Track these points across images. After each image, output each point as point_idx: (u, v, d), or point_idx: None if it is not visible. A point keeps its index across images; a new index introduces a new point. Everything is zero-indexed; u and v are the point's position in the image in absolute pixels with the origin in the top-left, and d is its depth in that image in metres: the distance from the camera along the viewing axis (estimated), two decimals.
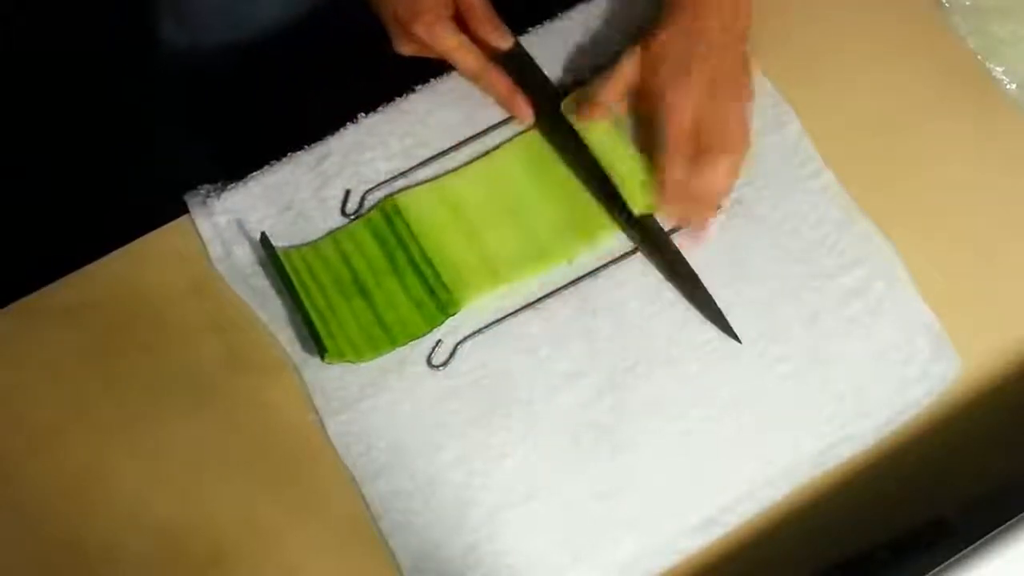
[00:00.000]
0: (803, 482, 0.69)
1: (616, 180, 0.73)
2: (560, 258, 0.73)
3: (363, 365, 0.71)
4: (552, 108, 0.75)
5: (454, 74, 0.78)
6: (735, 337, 0.71)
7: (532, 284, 0.73)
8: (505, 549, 0.67)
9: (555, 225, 0.74)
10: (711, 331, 0.72)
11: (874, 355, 0.72)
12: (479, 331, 0.72)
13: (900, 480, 0.70)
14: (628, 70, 0.72)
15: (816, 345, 0.72)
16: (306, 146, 0.77)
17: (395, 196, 0.74)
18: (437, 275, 0.72)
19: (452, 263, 0.73)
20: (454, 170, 0.76)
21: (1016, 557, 0.54)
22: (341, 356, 0.70)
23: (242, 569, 0.67)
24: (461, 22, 0.74)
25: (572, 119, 0.74)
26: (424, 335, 0.71)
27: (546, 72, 0.78)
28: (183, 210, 0.75)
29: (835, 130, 0.77)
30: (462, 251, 0.73)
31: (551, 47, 0.79)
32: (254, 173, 0.76)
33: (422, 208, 0.74)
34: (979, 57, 0.80)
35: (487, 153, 0.76)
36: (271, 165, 0.77)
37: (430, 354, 0.72)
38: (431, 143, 0.77)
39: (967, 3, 0.82)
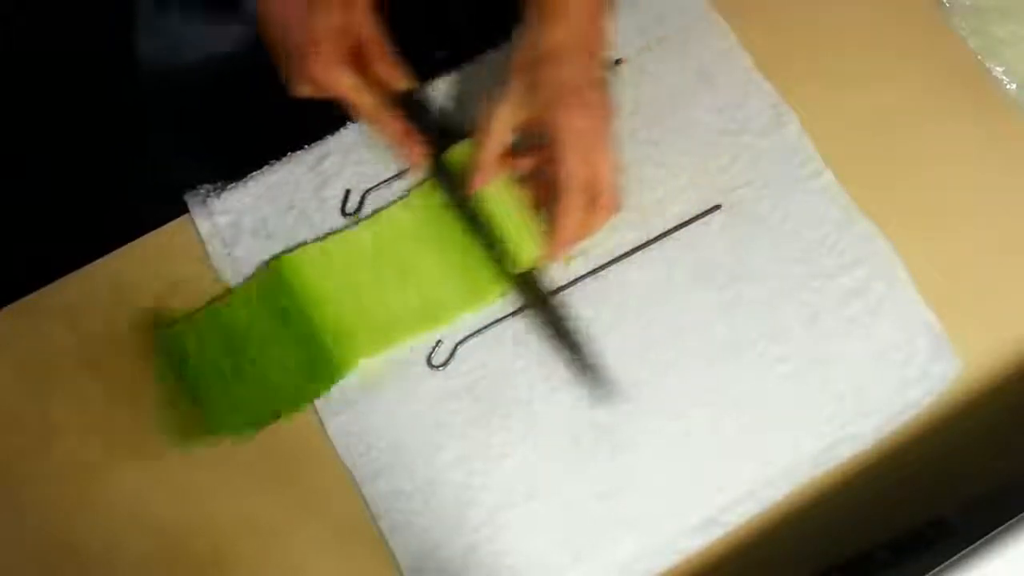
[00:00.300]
0: (803, 482, 0.69)
1: (502, 234, 0.72)
2: (450, 317, 0.72)
3: (363, 365, 0.71)
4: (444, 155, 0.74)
5: (453, 75, 0.78)
6: (608, 389, 0.70)
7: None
8: (505, 549, 0.67)
9: (444, 284, 0.72)
10: (712, 331, 0.72)
11: (874, 355, 0.72)
12: (479, 331, 0.72)
13: (900, 480, 0.70)
14: (515, 97, 0.69)
15: (816, 345, 0.72)
16: (306, 146, 0.77)
17: (280, 258, 0.73)
18: (321, 341, 0.71)
19: (338, 326, 0.71)
20: (340, 230, 0.74)
21: (1016, 557, 0.54)
22: (221, 430, 0.68)
23: (242, 569, 0.67)
24: (359, 64, 0.72)
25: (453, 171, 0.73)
26: (309, 403, 0.70)
27: (450, 119, 0.76)
28: (183, 210, 0.75)
29: (835, 130, 0.77)
30: (348, 313, 0.72)
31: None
32: (254, 173, 0.76)
33: (303, 272, 0.72)
34: (979, 57, 0.81)
35: (376, 213, 0.75)
36: (271, 165, 0.77)
37: (430, 354, 0.72)
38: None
39: (967, 3, 0.82)
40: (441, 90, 0.78)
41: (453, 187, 0.73)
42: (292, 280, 0.72)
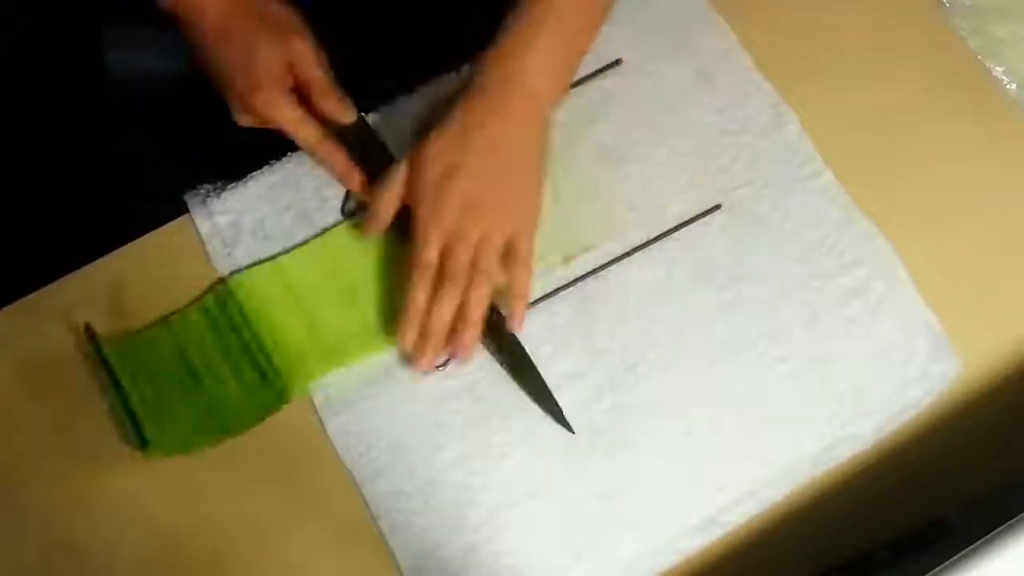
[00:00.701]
0: (803, 482, 0.69)
1: None
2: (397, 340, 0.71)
3: (363, 365, 0.71)
4: None
5: (454, 74, 0.78)
6: (568, 428, 0.69)
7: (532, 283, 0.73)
8: (505, 549, 0.67)
9: (391, 304, 0.72)
10: (711, 331, 0.72)
11: (874, 355, 0.72)
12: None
13: (900, 480, 0.70)
14: (398, 181, 0.70)
15: (816, 345, 0.72)
16: None
17: (228, 279, 0.72)
18: (270, 361, 0.70)
19: (287, 347, 0.71)
20: (289, 250, 0.73)
21: (1016, 557, 0.54)
22: (167, 449, 0.67)
23: (242, 569, 0.67)
24: (302, 95, 0.73)
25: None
26: (256, 424, 0.69)
27: (393, 150, 0.76)
28: (183, 210, 0.75)
29: (835, 130, 0.77)
30: (297, 334, 0.71)
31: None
32: (254, 173, 0.76)
33: (256, 291, 0.72)
34: (979, 57, 0.81)
35: (323, 232, 0.74)
36: (271, 165, 0.77)
37: None
38: None
39: (967, 3, 0.82)
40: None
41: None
42: (244, 298, 0.72)
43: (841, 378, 0.71)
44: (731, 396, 0.71)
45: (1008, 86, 0.80)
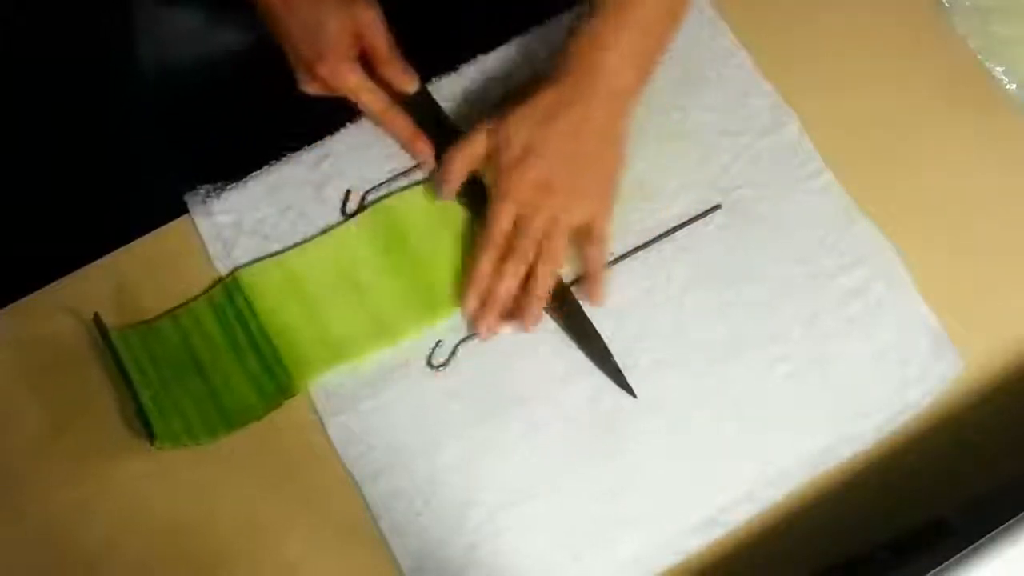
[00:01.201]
0: (803, 482, 0.69)
1: None
2: (403, 335, 0.71)
3: (363, 365, 0.71)
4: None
5: (453, 75, 0.79)
6: (631, 392, 0.70)
7: None
8: (505, 549, 0.67)
9: (398, 301, 0.72)
10: (712, 331, 0.72)
11: (874, 355, 0.72)
12: None
13: (900, 480, 0.70)
14: (475, 147, 0.72)
15: (816, 345, 0.72)
16: (306, 146, 0.77)
17: (236, 273, 0.73)
18: (276, 355, 0.70)
19: (292, 341, 0.71)
20: (297, 245, 0.74)
21: (1016, 557, 0.54)
22: (175, 440, 0.68)
23: (242, 568, 0.67)
24: (367, 63, 0.73)
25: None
26: (261, 418, 0.69)
27: (454, 119, 0.76)
28: (183, 210, 0.75)
29: (835, 130, 0.77)
30: (303, 329, 0.71)
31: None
32: (254, 173, 0.76)
33: (263, 285, 0.72)
34: (979, 57, 0.80)
35: (330, 228, 0.74)
36: (271, 165, 0.77)
37: (430, 354, 0.72)
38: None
39: (967, 3, 0.82)
40: (446, 89, 0.78)
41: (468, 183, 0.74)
42: (251, 292, 0.72)
43: (841, 378, 0.71)
44: (731, 396, 0.71)
45: (1008, 86, 0.80)
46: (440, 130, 0.75)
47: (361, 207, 0.75)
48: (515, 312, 0.71)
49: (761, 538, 0.68)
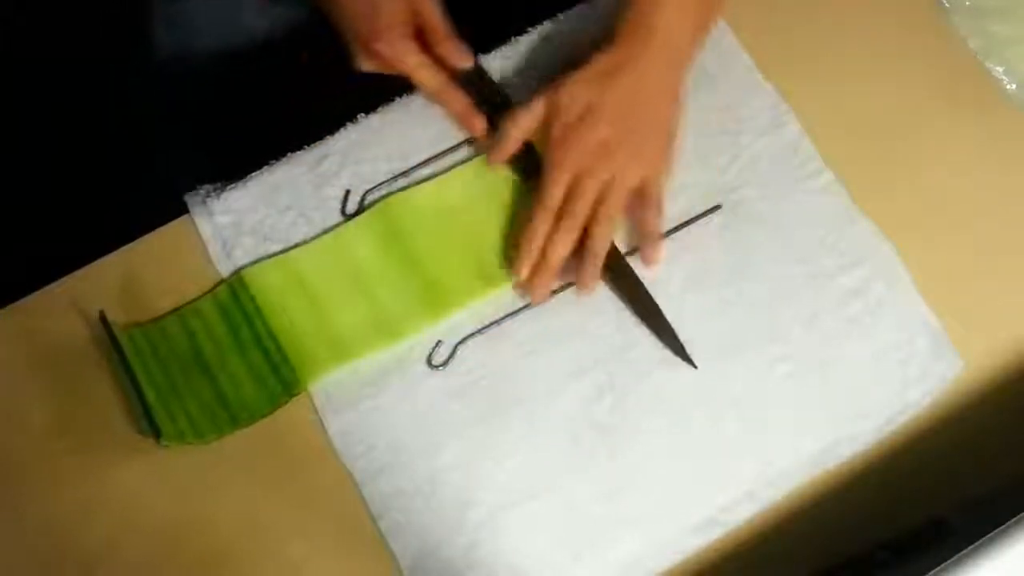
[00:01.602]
0: (803, 482, 0.69)
1: None
2: (408, 333, 0.72)
3: (363, 365, 0.71)
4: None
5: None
6: (691, 363, 0.71)
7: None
8: (505, 549, 0.67)
9: (403, 300, 0.72)
10: (711, 331, 0.72)
11: (874, 355, 0.72)
12: (479, 331, 0.72)
13: (900, 480, 0.70)
14: (533, 114, 0.72)
15: (816, 345, 0.72)
16: (306, 146, 0.77)
17: (242, 271, 0.73)
18: (281, 353, 0.71)
19: (297, 340, 0.71)
20: (299, 245, 0.74)
21: (1016, 557, 0.54)
22: (180, 438, 0.68)
23: (242, 569, 0.67)
24: (422, 40, 0.74)
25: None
26: (266, 415, 0.69)
27: (508, 92, 0.77)
28: (183, 210, 0.75)
29: (835, 130, 0.77)
30: (308, 327, 0.71)
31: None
32: (254, 173, 0.76)
33: (268, 283, 0.72)
34: (979, 57, 0.81)
35: (335, 228, 0.74)
36: (271, 165, 0.77)
37: (430, 354, 0.72)
38: (430, 144, 0.77)
39: (967, 3, 0.82)
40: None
41: (523, 156, 0.75)
42: (256, 290, 0.72)
43: (841, 378, 0.71)
44: (731, 396, 0.71)
45: (1008, 86, 0.80)
46: (495, 105, 0.76)
47: (361, 207, 0.75)
48: (576, 276, 0.71)
49: (761, 538, 0.68)
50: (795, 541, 0.68)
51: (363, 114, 0.78)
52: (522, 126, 0.73)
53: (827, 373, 0.71)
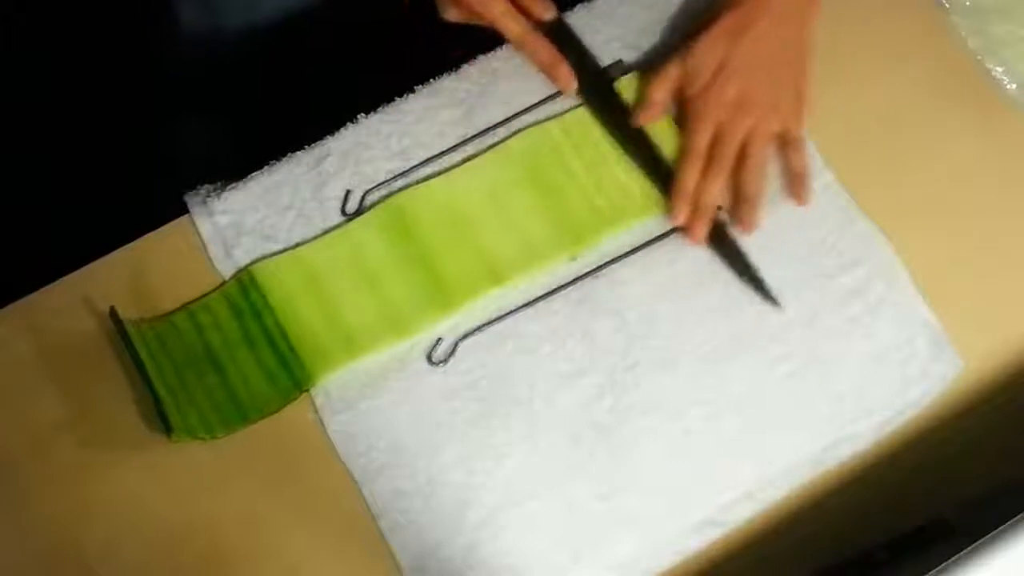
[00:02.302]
0: (803, 482, 0.69)
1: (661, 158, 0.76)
2: (418, 328, 0.72)
3: (363, 365, 0.71)
4: (594, 81, 0.77)
5: (454, 74, 0.79)
6: (774, 301, 0.73)
7: (532, 282, 0.73)
8: (505, 549, 0.68)
9: (412, 296, 0.72)
10: (711, 331, 0.72)
11: (874, 355, 0.72)
12: (479, 329, 0.72)
13: (900, 480, 0.70)
14: (672, 73, 0.75)
15: (816, 345, 0.72)
16: (306, 146, 0.77)
17: (252, 266, 0.73)
18: (292, 348, 0.71)
19: (307, 335, 0.71)
20: (301, 244, 0.74)
21: (1016, 557, 0.54)
22: (191, 434, 0.68)
23: (242, 569, 0.67)
24: None
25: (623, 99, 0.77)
26: (277, 411, 0.70)
27: (591, 47, 0.79)
28: (183, 210, 0.75)
29: (835, 130, 0.77)
30: (318, 322, 0.71)
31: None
32: (254, 173, 0.76)
33: (278, 278, 0.72)
34: (979, 57, 0.81)
35: (338, 226, 0.74)
36: (271, 165, 0.77)
37: (430, 351, 0.72)
38: (431, 143, 0.77)
39: (967, 3, 0.82)
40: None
41: (610, 109, 0.76)
42: (266, 286, 0.72)
43: (841, 378, 0.71)
44: (731, 396, 0.71)
45: (1008, 86, 0.80)
46: (577, 58, 0.77)
47: (361, 207, 0.75)
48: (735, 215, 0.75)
49: (761, 538, 0.68)
50: (795, 541, 0.68)
51: (363, 114, 0.78)
52: (661, 87, 0.75)
53: (827, 373, 0.71)
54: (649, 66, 0.77)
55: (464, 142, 0.77)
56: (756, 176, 0.74)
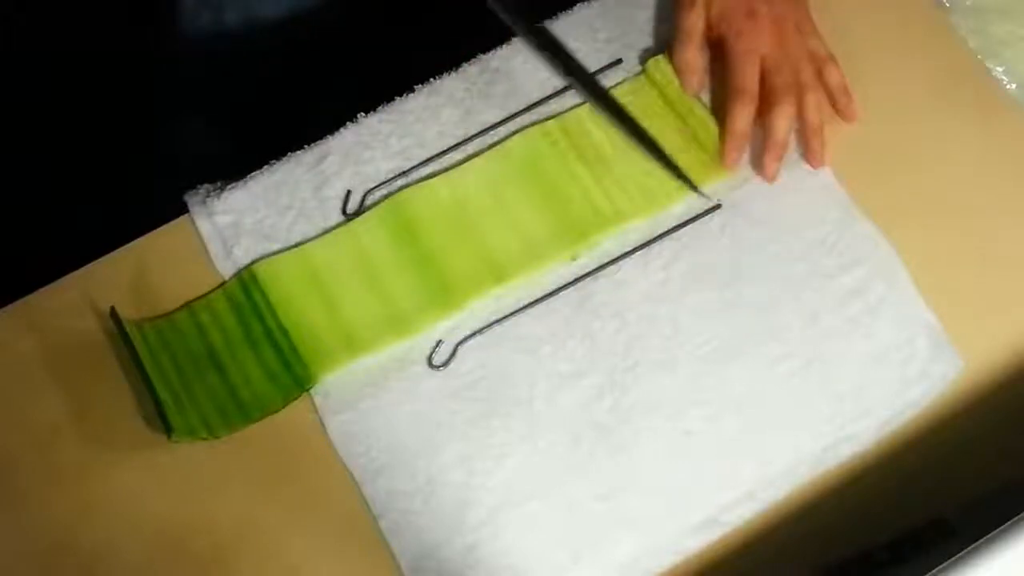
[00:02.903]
0: (803, 482, 0.69)
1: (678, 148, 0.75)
2: (420, 327, 0.72)
3: (364, 365, 0.71)
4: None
5: (454, 74, 0.79)
6: (693, 185, 0.73)
7: (532, 283, 0.73)
8: (505, 549, 0.67)
9: (414, 295, 0.72)
10: (711, 331, 0.72)
11: (874, 355, 0.72)
12: (479, 331, 0.72)
13: (900, 480, 0.70)
14: (696, 28, 0.76)
15: (816, 345, 0.72)
16: (306, 146, 0.77)
17: (254, 265, 0.73)
18: (293, 347, 0.71)
19: (309, 334, 0.71)
20: (315, 237, 0.74)
21: (1016, 557, 0.54)
22: (192, 434, 0.68)
23: (242, 569, 0.67)
24: None
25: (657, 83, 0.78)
26: (279, 410, 0.69)
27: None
28: (183, 210, 0.75)
29: (835, 130, 0.77)
30: (319, 321, 0.71)
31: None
32: (254, 173, 0.76)
33: (280, 277, 0.72)
34: (979, 57, 0.80)
35: (339, 226, 0.74)
36: (271, 165, 0.77)
37: (431, 354, 0.72)
38: (431, 143, 0.77)
39: (967, 3, 0.82)
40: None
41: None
42: (267, 284, 0.72)
43: (841, 378, 0.71)
44: (731, 396, 0.71)
45: (1008, 86, 0.80)
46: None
47: (361, 207, 0.75)
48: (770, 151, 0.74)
49: (761, 538, 0.68)
50: (795, 541, 0.68)
51: (363, 114, 0.78)
52: (690, 42, 0.76)
53: (827, 373, 0.71)
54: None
55: (464, 142, 0.77)
56: (815, 101, 0.74)
